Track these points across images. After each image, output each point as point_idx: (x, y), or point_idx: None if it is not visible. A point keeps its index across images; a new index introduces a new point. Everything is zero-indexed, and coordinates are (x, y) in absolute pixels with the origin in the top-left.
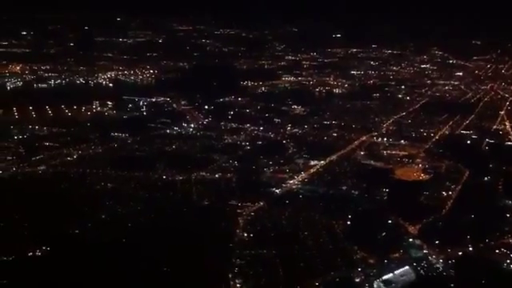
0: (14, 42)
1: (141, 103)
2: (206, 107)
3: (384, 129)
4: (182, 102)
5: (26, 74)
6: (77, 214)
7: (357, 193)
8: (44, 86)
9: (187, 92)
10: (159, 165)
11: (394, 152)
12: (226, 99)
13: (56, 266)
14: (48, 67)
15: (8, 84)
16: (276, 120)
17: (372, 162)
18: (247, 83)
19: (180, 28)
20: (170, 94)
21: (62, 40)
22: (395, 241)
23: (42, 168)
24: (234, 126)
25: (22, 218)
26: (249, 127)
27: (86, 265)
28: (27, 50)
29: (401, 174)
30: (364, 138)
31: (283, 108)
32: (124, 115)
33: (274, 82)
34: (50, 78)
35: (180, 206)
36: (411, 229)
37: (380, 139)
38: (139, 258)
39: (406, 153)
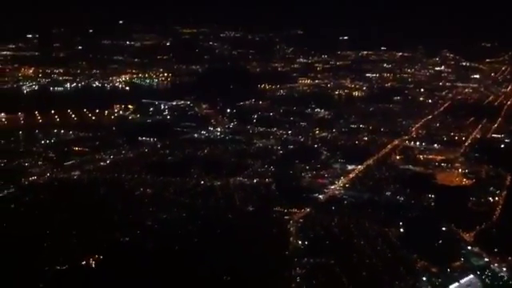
0: (20, 45)
1: (162, 107)
2: (229, 111)
3: (414, 133)
4: (203, 106)
5: (40, 78)
6: (123, 221)
7: (402, 199)
8: (60, 89)
9: (206, 95)
10: (194, 170)
11: (430, 156)
12: (247, 102)
13: (111, 274)
14: (61, 70)
15: (24, 88)
16: (302, 123)
17: (411, 167)
18: (264, 86)
19: (184, 31)
20: (188, 97)
21: (69, 43)
22: (453, 249)
23: (76, 173)
24: (261, 129)
25: (69, 225)
26: (276, 131)
27: (142, 274)
28: (36, 53)
29: (443, 179)
30: (396, 142)
31: (306, 111)
32: (147, 119)
33: (290, 84)
34: (65, 82)
35: (225, 212)
36: (466, 236)
37: (412, 143)
38: (196, 267)
39: (444, 157)
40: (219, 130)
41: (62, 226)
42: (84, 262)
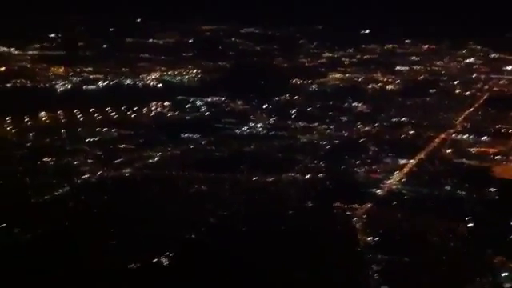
0: (45, 44)
1: (197, 103)
2: (265, 106)
3: (458, 126)
4: (239, 102)
5: (71, 77)
6: (184, 219)
7: (464, 193)
8: (93, 87)
9: (239, 91)
10: (244, 166)
11: (482, 149)
12: (282, 98)
13: (184, 272)
14: (91, 69)
15: (57, 87)
16: (342, 118)
17: (465, 161)
18: (296, 81)
19: (204, 28)
20: (221, 93)
21: (93, 42)
22: None
23: (127, 171)
24: (302, 124)
25: (132, 223)
26: (318, 126)
27: (214, 271)
28: (63, 53)
29: (501, 172)
30: (443, 135)
31: (344, 106)
32: (186, 116)
33: (321, 79)
34: (96, 80)
35: (284, 208)
36: None
37: (460, 136)
38: (268, 264)
39: (496, 150)
40: (260, 125)
41: (125, 224)
42: (155, 260)
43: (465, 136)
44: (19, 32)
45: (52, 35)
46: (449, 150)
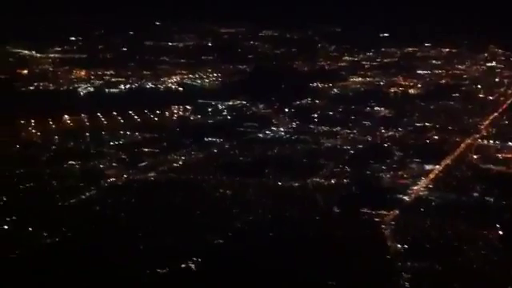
0: (66, 47)
1: (219, 107)
2: (287, 110)
3: (484, 130)
4: (260, 106)
5: (93, 80)
6: (211, 223)
7: (492, 200)
8: (115, 90)
9: (259, 95)
10: (268, 170)
11: (509, 155)
12: (303, 101)
13: (213, 278)
14: (112, 72)
15: (79, 90)
16: (365, 122)
17: (492, 166)
18: (317, 85)
19: (222, 31)
20: (242, 97)
21: (113, 45)
22: None
23: (152, 175)
24: (324, 129)
25: (159, 227)
26: (340, 130)
27: (243, 277)
28: (83, 56)
29: None
30: (468, 140)
31: (366, 110)
32: (208, 119)
33: (342, 83)
34: (118, 83)
35: (311, 213)
36: None
37: (486, 141)
38: (296, 271)
39: None
40: (282, 129)
41: (153, 228)
42: (184, 265)
43: (491, 141)
44: (39, 35)
45: (72, 38)
46: (475, 156)
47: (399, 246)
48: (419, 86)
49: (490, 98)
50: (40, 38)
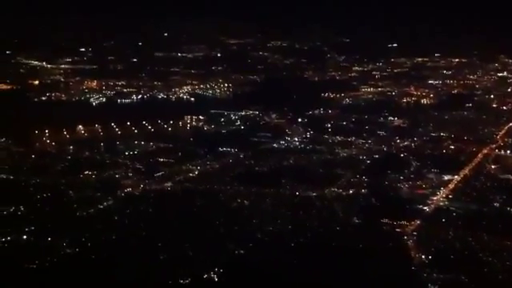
0: (76, 58)
1: (232, 117)
2: (300, 120)
3: (500, 141)
4: (273, 116)
5: (105, 90)
6: (231, 234)
7: None
8: (127, 101)
9: (271, 105)
10: (285, 180)
11: None
12: (316, 112)
13: None
14: (123, 83)
15: (91, 100)
16: (379, 132)
17: (511, 177)
18: (329, 95)
19: (231, 42)
20: (254, 107)
21: (123, 56)
22: None
23: (169, 185)
24: (339, 138)
25: (179, 237)
26: (355, 140)
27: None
28: (94, 67)
29: None
30: (485, 150)
31: (380, 120)
32: (221, 129)
33: (354, 93)
34: (130, 94)
35: (331, 224)
36: None
37: (503, 152)
38: (319, 281)
39: None
40: (297, 139)
41: (172, 238)
42: (206, 276)
43: (508, 151)
44: (50, 46)
45: (82, 49)
46: (493, 166)
47: (423, 256)
48: (431, 95)
49: (504, 108)
50: (50, 48)
